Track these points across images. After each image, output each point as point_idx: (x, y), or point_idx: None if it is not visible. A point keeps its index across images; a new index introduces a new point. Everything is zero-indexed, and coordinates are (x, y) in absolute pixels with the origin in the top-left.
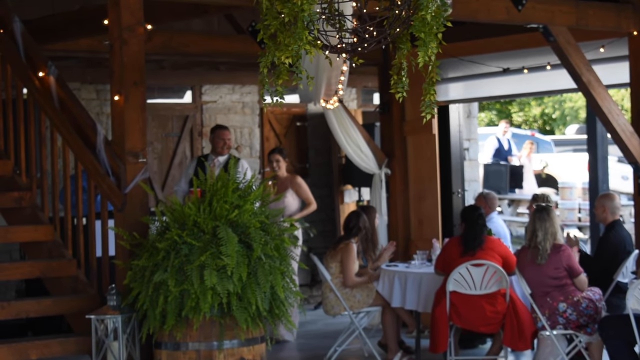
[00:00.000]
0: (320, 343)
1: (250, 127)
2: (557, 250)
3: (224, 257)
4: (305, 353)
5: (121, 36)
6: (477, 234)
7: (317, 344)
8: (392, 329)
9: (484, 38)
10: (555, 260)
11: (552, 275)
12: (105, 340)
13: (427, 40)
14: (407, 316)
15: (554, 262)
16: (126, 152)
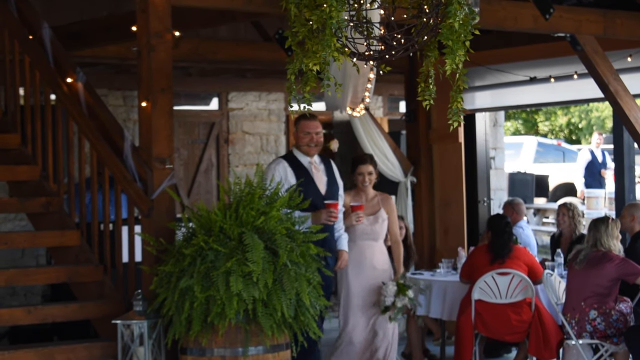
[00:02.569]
0: None
1: (276, 134)
2: (608, 259)
3: (250, 263)
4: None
5: (149, 42)
6: (506, 242)
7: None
8: (417, 337)
9: (511, 47)
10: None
11: (597, 282)
12: (131, 346)
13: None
14: (432, 324)
15: (604, 271)
16: (153, 158)
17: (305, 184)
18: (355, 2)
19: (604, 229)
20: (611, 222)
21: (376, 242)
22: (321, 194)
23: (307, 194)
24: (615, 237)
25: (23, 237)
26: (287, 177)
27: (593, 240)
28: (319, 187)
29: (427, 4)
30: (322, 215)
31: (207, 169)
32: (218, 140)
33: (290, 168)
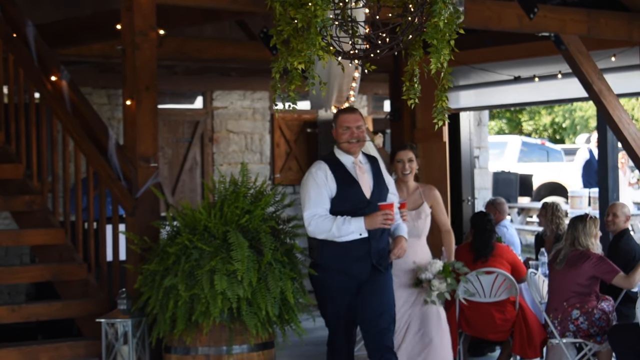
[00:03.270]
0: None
1: (260, 133)
2: (586, 258)
3: (235, 262)
4: (313, 359)
5: (134, 41)
6: (487, 240)
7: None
8: None
9: (496, 46)
10: (584, 269)
11: (577, 282)
12: (115, 344)
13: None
14: None
15: (582, 270)
16: (138, 157)
17: (347, 187)
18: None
19: (582, 227)
20: (589, 220)
21: (419, 240)
22: (365, 198)
23: (349, 198)
24: (593, 236)
25: (7, 235)
26: (327, 182)
27: (571, 239)
28: (364, 190)
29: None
30: (378, 218)
31: (192, 168)
32: (202, 139)
33: (331, 171)
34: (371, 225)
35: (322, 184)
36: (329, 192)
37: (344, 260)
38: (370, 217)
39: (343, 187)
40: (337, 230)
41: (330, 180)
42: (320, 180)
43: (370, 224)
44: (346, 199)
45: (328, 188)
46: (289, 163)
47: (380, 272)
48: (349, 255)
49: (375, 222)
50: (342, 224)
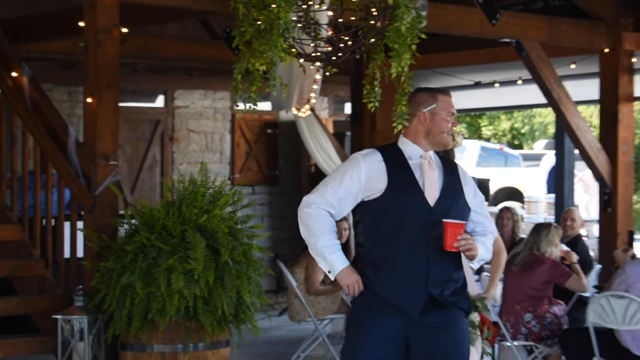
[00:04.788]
0: (284, 349)
1: (221, 132)
2: (541, 262)
3: (192, 261)
4: (269, 358)
5: (96, 38)
6: None
7: (282, 350)
8: None
9: (457, 51)
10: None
11: (531, 285)
12: (71, 341)
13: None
14: None
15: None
16: (97, 155)
17: (402, 187)
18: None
19: (545, 234)
20: (553, 228)
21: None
22: (428, 206)
23: (402, 204)
24: (554, 244)
25: None
26: (370, 178)
27: (532, 243)
28: (427, 194)
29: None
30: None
31: (151, 167)
32: (163, 138)
33: (384, 163)
34: (342, 280)
35: (354, 176)
36: (360, 191)
37: (393, 286)
38: (348, 273)
39: (396, 185)
40: (314, 245)
41: (378, 176)
42: (355, 170)
43: (344, 277)
44: (399, 204)
45: (364, 185)
46: (248, 163)
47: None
48: (401, 278)
49: (347, 278)
50: (325, 246)
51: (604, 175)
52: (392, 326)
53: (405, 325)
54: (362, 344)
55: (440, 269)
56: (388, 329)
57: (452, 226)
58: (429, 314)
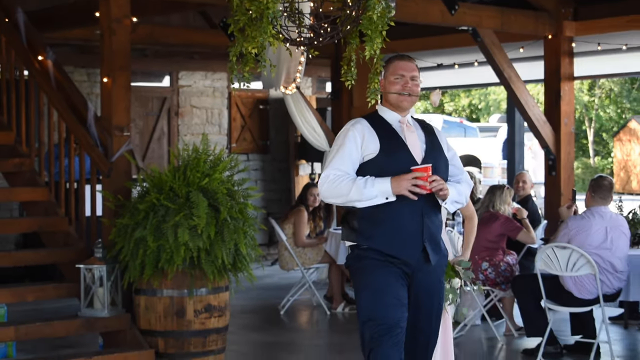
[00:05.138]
0: (275, 294)
1: (219, 108)
2: (495, 219)
3: (195, 217)
4: (263, 302)
5: (110, 27)
6: None
7: (273, 295)
8: (337, 283)
9: (422, 37)
10: (493, 227)
11: (487, 238)
12: (92, 287)
13: (373, 36)
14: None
15: (491, 229)
16: (113, 127)
17: (392, 148)
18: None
19: (499, 194)
20: (506, 189)
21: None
22: (415, 162)
23: (396, 162)
24: (507, 203)
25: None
26: (363, 142)
27: (488, 202)
28: (413, 152)
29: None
30: (404, 182)
31: (160, 138)
32: (169, 113)
33: (372, 129)
34: (397, 188)
35: (352, 144)
36: (361, 154)
37: (392, 239)
38: (397, 179)
39: (388, 147)
40: (358, 193)
41: (370, 139)
42: (351, 139)
43: (396, 187)
44: (392, 162)
45: (362, 150)
46: (243, 134)
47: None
48: (399, 231)
49: (401, 185)
50: (364, 186)
51: (549, 144)
52: (396, 273)
53: (406, 272)
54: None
55: (431, 221)
56: (395, 276)
57: (420, 170)
58: (424, 261)
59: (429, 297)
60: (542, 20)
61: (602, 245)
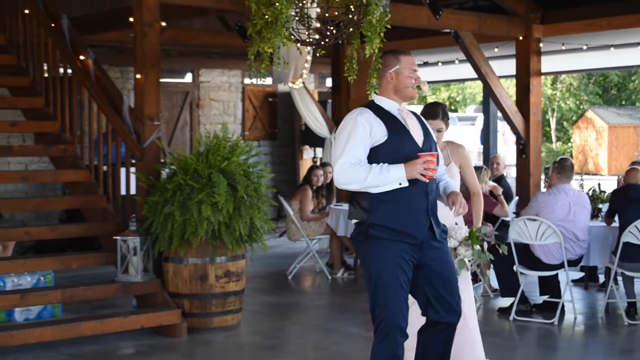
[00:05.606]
0: (284, 262)
1: (234, 101)
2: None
3: (216, 195)
4: (273, 268)
5: (142, 30)
6: None
7: (282, 262)
8: (337, 252)
9: (411, 38)
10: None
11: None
12: (127, 255)
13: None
14: (348, 242)
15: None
16: (145, 117)
17: (398, 134)
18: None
19: (478, 174)
20: (484, 170)
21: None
22: (419, 147)
23: (402, 147)
24: (484, 182)
25: (47, 174)
26: (371, 129)
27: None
28: (415, 137)
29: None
30: (417, 167)
31: (183, 127)
32: (191, 105)
33: (377, 117)
34: (410, 173)
35: (362, 132)
36: (369, 142)
37: (402, 217)
38: (410, 165)
39: (395, 133)
40: (374, 179)
41: (377, 127)
42: (361, 127)
43: (409, 172)
44: (399, 147)
45: (371, 137)
46: (255, 124)
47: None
48: (408, 209)
49: (414, 170)
50: (380, 172)
51: (519, 131)
52: (405, 250)
53: (415, 248)
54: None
55: (433, 198)
56: (404, 252)
57: (425, 155)
58: (431, 237)
59: (444, 266)
60: (514, 24)
61: (566, 217)
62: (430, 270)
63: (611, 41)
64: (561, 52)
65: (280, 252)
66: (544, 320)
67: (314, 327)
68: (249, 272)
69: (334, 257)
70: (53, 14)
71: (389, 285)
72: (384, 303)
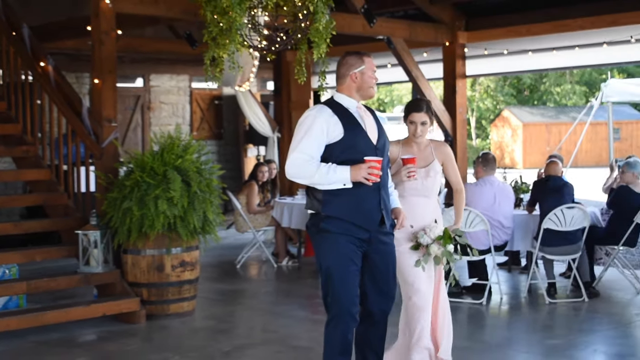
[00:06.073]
0: (232, 252)
1: (183, 104)
2: None
3: (172, 191)
4: (223, 258)
5: (100, 38)
6: None
7: (231, 253)
8: (282, 242)
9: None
10: None
11: None
12: (89, 248)
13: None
14: (292, 233)
15: None
16: (103, 119)
17: (354, 131)
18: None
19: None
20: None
21: (428, 199)
22: (373, 144)
23: (357, 144)
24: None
25: (9, 174)
26: (328, 127)
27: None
28: (371, 135)
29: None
30: (361, 171)
31: (135, 128)
32: (142, 108)
33: (335, 115)
34: (355, 177)
35: (318, 130)
36: (325, 140)
37: (354, 210)
38: (355, 168)
39: (350, 132)
40: (320, 178)
41: (334, 125)
42: (318, 125)
43: (354, 175)
44: (354, 145)
45: (327, 135)
46: (202, 125)
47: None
48: (360, 203)
49: (359, 174)
50: (327, 173)
51: (447, 128)
52: (355, 243)
53: (363, 242)
54: (337, 265)
55: (385, 193)
56: (353, 245)
57: (370, 160)
58: (380, 231)
59: (385, 260)
60: (441, 31)
61: (492, 207)
62: (373, 263)
63: (529, 46)
64: (483, 57)
65: (229, 243)
66: (473, 301)
67: (263, 311)
68: (201, 262)
69: (279, 247)
70: (14, 23)
71: (339, 277)
72: (335, 293)
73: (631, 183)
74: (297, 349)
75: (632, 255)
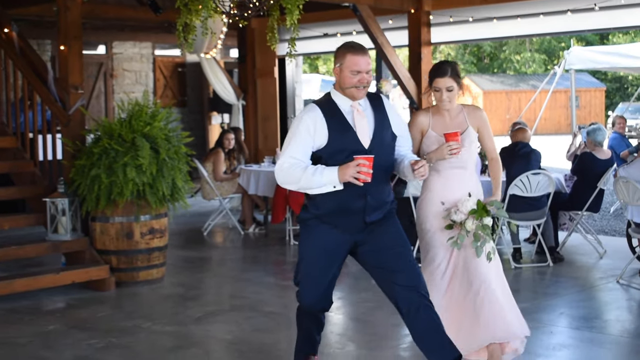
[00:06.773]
0: (199, 219)
1: (146, 71)
2: None
3: (140, 158)
4: (188, 226)
5: (65, 4)
6: None
7: (197, 220)
8: (249, 209)
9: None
10: None
11: None
12: (57, 216)
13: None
14: (259, 200)
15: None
16: (70, 86)
17: (341, 134)
18: None
19: None
20: None
21: (465, 171)
22: (363, 148)
23: (345, 147)
24: None
25: None
26: (315, 129)
27: None
28: (361, 138)
29: None
30: (349, 170)
31: (98, 96)
32: (105, 76)
33: (323, 116)
34: (343, 177)
35: (305, 132)
36: (313, 142)
37: (334, 212)
38: (343, 168)
39: (336, 134)
40: (307, 181)
41: (320, 127)
42: (304, 127)
43: (342, 175)
44: (341, 147)
45: (314, 137)
46: (166, 92)
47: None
48: (342, 208)
49: (346, 173)
50: (313, 175)
51: (412, 96)
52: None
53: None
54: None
55: (375, 199)
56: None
57: (359, 158)
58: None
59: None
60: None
61: None
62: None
63: (493, 14)
64: (448, 24)
65: (195, 210)
66: None
67: (232, 278)
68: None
69: (246, 214)
70: None
71: (307, 271)
72: (301, 284)
73: (594, 150)
74: (268, 315)
75: (594, 221)
